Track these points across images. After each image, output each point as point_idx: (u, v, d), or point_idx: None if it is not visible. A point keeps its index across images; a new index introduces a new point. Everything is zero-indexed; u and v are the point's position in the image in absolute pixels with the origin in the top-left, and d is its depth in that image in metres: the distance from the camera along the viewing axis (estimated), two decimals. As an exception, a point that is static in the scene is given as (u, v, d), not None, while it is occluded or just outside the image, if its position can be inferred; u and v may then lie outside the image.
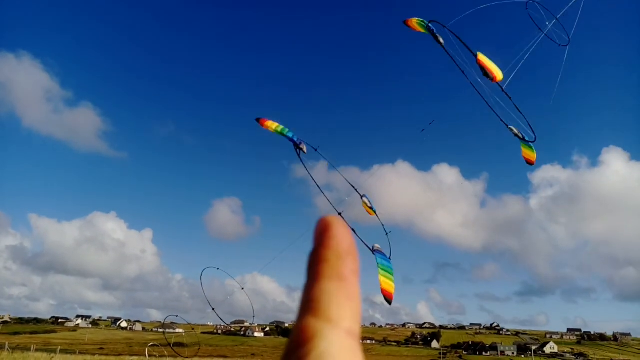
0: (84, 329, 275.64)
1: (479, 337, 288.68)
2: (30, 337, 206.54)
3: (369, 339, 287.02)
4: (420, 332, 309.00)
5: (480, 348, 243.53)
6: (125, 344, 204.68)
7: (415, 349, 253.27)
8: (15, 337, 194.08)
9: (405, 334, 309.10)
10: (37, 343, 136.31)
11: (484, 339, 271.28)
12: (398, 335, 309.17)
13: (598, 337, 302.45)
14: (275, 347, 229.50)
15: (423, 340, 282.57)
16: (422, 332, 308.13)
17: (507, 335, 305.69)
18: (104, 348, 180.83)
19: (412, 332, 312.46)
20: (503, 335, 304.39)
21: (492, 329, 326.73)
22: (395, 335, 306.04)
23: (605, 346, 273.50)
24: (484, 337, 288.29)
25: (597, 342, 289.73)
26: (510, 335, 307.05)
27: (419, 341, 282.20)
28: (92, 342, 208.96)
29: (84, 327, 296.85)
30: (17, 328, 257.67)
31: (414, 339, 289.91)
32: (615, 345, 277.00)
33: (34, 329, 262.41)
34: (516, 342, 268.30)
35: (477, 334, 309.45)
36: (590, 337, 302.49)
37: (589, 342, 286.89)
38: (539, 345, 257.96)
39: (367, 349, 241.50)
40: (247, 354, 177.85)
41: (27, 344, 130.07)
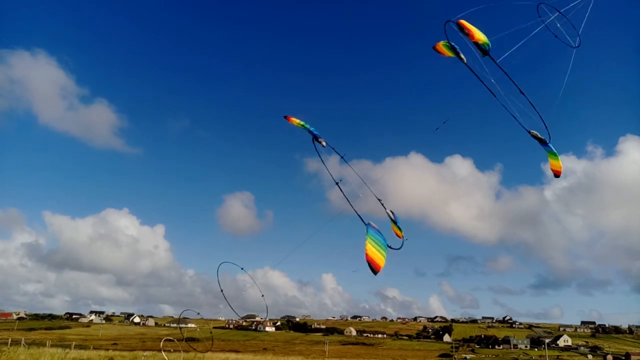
0: (97, 325, 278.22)
1: (492, 330, 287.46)
2: (45, 332, 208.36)
3: (380, 332, 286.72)
4: (432, 326, 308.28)
5: (492, 342, 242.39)
6: (138, 339, 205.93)
7: (427, 342, 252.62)
8: (30, 332, 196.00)
9: (417, 328, 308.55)
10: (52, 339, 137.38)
11: (497, 333, 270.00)
12: (410, 329, 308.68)
13: (613, 329, 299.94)
14: (286, 342, 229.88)
15: (435, 334, 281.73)
16: (434, 326, 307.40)
17: (520, 328, 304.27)
18: (118, 343, 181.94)
19: (424, 326, 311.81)
20: (516, 328, 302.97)
21: (505, 322, 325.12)
22: (407, 329, 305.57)
23: (621, 339, 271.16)
24: (496, 330, 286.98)
25: (612, 334, 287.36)
26: (523, 328, 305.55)
27: (431, 335, 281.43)
28: (106, 337, 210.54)
29: (98, 322, 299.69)
30: (33, 324, 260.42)
31: (425, 332, 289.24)
32: (630, 338, 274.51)
33: (48, 324, 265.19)
34: (529, 335, 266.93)
35: (489, 327, 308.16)
36: (604, 329, 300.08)
37: (604, 335, 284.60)
38: (553, 338, 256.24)
39: (379, 343, 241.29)
40: (258, 348, 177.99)
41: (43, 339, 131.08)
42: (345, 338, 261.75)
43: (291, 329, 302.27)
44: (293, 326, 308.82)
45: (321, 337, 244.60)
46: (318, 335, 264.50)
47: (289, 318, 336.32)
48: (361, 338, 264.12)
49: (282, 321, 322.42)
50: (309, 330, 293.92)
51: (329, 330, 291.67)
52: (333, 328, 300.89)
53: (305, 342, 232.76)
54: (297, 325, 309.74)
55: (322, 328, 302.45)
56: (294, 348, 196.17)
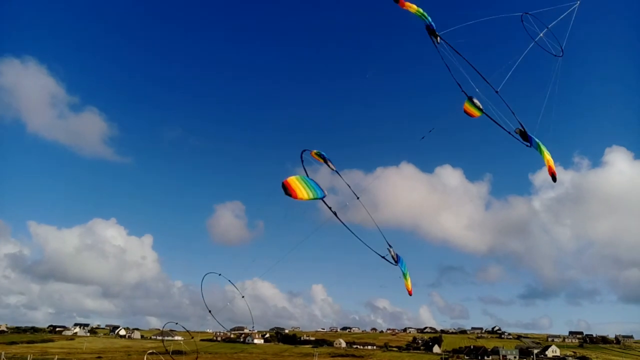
0: (82, 338, 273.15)
1: (481, 341, 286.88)
2: (27, 346, 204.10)
3: (370, 344, 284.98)
4: (422, 337, 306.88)
5: (482, 352, 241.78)
6: (123, 352, 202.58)
7: (417, 354, 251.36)
8: (11, 346, 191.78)
9: (407, 339, 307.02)
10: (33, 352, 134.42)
11: (486, 343, 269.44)
12: (399, 340, 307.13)
13: (600, 339, 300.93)
14: (275, 354, 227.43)
15: (424, 345, 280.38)
16: (424, 337, 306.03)
17: (509, 339, 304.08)
18: (102, 357, 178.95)
19: (414, 337, 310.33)
20: (505, 339, 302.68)
21: (494, 332, 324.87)
22: (397, 340, 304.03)
23: (608, 349, 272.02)
24: (485, 341, 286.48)
25: (600, 344, 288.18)
26: (512, 339, 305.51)
27: (421, 346, 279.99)
28: (90, 350, 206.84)
29: (82, 335, 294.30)
30: (14, 337, 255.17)
31: (415, 343, 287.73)
32: (617, 348, 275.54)
33: (31, 338, 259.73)
34: (518, 345, 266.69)
35: (478, 338, 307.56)
36: (592, 339, 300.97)
37: (591, 345, 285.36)
38: (541, 348, 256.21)
39: (368, 355, 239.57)
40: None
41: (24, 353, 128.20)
42: (335, 350, 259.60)
43: (280, 341, 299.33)
44: (282, 338, 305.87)
45: (310, 349, 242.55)
46: (307, 347, 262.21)
47: (278, 330, 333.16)
48: (351, 350, 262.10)
49: (271, 333, 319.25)
50: (299, 342, 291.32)
51: (318, 342, 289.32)
52: (323, 340, 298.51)
53: (295, 354, 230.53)
54: (286, 337, 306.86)
55: (311, 340, 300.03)
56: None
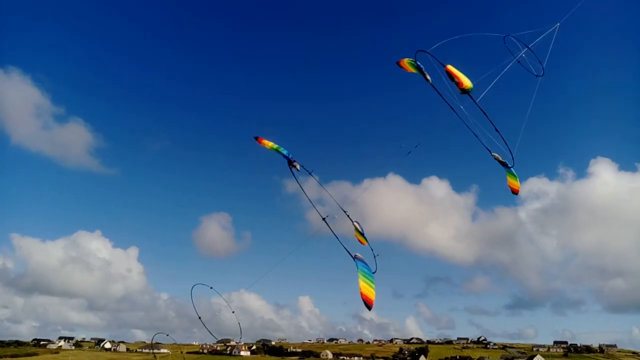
0: (66, 351, 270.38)
1: (467, 351, 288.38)
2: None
3: (356, 355, 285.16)
4: (408, 348, 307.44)
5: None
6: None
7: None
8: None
9: (393, 350, 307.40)
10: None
11: (472, 354, 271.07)
12: (386, 351, 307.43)
13: (584, 349, 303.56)
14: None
15: (411, 355, 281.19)
16: (410, 348, 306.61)
17: (494, 349, 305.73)
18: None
19: (400, 348, 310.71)
20: (490, 349, 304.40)
21: (480, 343, 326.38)
22: (383, 352, 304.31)
23: (592, 358, 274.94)
24: (471, 351, 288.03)
25: (584, 354, 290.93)
26: (497, 349, 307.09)
27: (407, 357, 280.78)
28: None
29: (67, 349, 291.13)
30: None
31: (401, 354, 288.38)
32: (601, 357, 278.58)
33: (14, 352, 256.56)
34: (503, 355, 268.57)
35: (464, 348, 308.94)
36: (576, 349, 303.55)
37: (576, 355, 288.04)
38: (526, 358, 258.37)
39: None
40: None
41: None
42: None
43: (267, 353, 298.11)
44: (269, 350, 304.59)
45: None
46: (294, 359, 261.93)
47: (264, 342, 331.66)
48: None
49: (257, 345, 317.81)
50: (285, 354, 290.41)
51: (305, 354, 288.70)
52: (309, 351, 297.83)
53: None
54: (273, 349, 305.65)
55: (298, 352, 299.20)
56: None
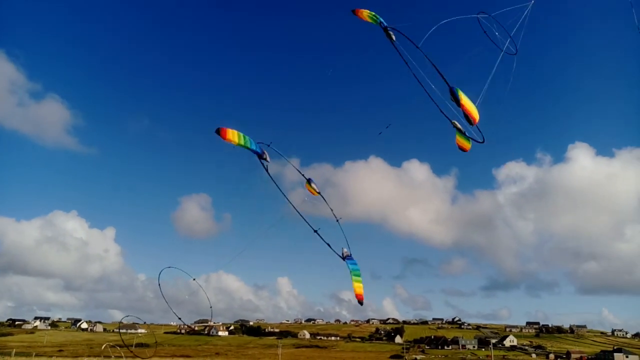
0: (42, 331, 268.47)
1: (441, 331, 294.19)
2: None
3: (333, 335, 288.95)
4: (384, 328, 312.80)
5: (442, 342, 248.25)
6: (85, 345, 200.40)
7: (379, 344, 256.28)
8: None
9: (370, 330, 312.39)
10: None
11: (446, 333, 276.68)
12: (362, 331, 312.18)
13: (555, 329, 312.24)
14: (239, 346, 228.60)
15: (387, 335, 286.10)
16: (386, 328, 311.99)
17: (468, 329, 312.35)
18: (64, 350, 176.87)
19: (376, 328, 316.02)
20: (464, 329, 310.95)
21: (454, 323, 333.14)
22: (360, 331, 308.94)
23: (563, 338, 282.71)
24: (446, 331, 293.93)
25: (555, 334, 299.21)
26: (471, 329, 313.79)
27: (383, 337, 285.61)
28: (51, 344, 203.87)
29: (43, 329, 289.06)
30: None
31: (377, 334, 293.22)
32: (571, 337, 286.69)
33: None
34: (477, 335, 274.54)
35: (439, 328, 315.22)
36: (548, 329, 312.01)
37: (547, 335, 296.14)
38: (499, 338, 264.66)
39: (332, 345, 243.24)
40: (211, 353, 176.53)
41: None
42: (299, 341, 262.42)
43: (245, 333, 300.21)
44: (247, 330, 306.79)
45: (275, 340, 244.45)
46: (272, 339, 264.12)
47: (242, 322, 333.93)
48: (315, 341, 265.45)
49: (235, 325, 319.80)
50: (263, 334, 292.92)
51: (282, 333, 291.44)
52: (287, 331, 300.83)
53: (259, 346, 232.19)
54: (250, 329, 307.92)
55: (276, 332, 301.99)
56: (247, 352, 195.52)
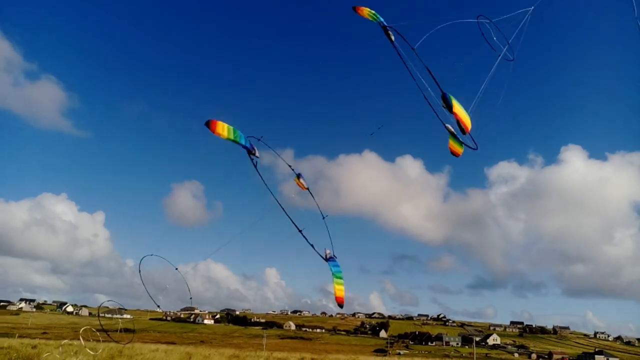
0: (27, 313, 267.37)
1: (426, 327, 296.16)
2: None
3: (319, 327, 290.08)
4: (370, 322, 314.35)
5: (426, 338, 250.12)
6: (70, 328, 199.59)
7: (364, 338, 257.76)
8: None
9: (355, 324, 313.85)
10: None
11: (431, 330, 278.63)
12: (348, 324, 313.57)
13: (539, 330, 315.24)
14: (224, 335, 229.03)
15: (372, 329, 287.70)
16: (371, 322, 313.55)
17: (452, 326, 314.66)
18: (48, 332, 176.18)
19: (362, 322, 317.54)
20: (449, 326, 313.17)
21: (439, 320, 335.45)
22: (345, 325, 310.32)
23: (546, 339, 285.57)
24: (430, 327, 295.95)
25: (538, 334, 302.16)
26: (455, 326, 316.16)
27: (368, 331, 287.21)
28: (36, 326, 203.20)
29: (28, 310, 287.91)
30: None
31: (362, 328, 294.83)
32: (554, 338, 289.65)
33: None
34: (461, 333, 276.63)
35: (424, 324, 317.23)
36: (531, 329, 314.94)
37: (530, 335, 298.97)
38: (483, 337, 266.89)
39: (317, 337, 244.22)
40: (195, 340, 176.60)
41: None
42: (284, 332, 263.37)
43: (230, 322, 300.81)
44: (233, 319, 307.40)
45: (260, 330, 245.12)
46: (257, 329, 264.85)
47: (228, 311, 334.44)
48: (300, 332, 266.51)
49: (221, 314, 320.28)
50: (249, 324, 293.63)
51: (268, 324, 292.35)
52: (273, 322, 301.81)
53: (244, 335, 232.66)
54: (236, 319, 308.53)
55: (261, 322, 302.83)
56: (231, 341, 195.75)
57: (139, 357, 32.94)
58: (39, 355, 30.94)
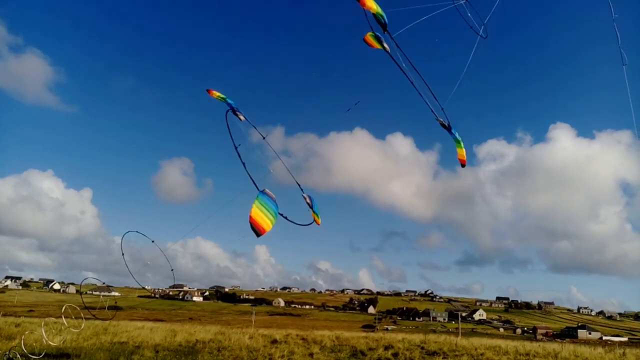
0: (13, 291, 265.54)
1: (414, 303, 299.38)
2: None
3: (308, 304, 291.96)
4: (358, 298, 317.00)
5: (414, 314, 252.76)
6: (57, 306, 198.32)
7: (352, 314, 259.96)
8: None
9: (344, 300, 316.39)
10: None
11: (418, 305, 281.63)
12: (337, 300, 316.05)
13: (524, 305, 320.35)
14: (213, 311, 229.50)
15: (360, 305, 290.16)
16: (360, 298, 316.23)
17: (440, 302, 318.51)
18: (34, 310, 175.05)
19: (350, 298, 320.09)
20: (436, 302, 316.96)
21: (427, 295, 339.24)
22: (334, 301, 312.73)
23: (530, 314, 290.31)
24: (418, 303, 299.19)
25: (523, 310, 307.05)
26: (443, 302, 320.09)
27: (356, 307, 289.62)
28: (22, 304, 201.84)
29: (14, 288, 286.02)
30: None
31: (351, 304, 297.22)
32: (539, 313, 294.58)
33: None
34: (448, 308, 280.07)
35: (412, 300, 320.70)
36: (517, 305, 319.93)
37: (516, 310, 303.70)
38: (469, 312, 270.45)
39: (306, 314, 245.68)
40: (184, 317, 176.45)
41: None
42: (274, 309, 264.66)
43: (220, 299, 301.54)
44: (222, 296, 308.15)
45: (249, 307, 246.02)
46: (246, 305, 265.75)
47: (217, 288, 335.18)
48: (289, 309, 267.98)
49: (210, 291, 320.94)
50: (238, 301, 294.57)
51: (257, 300, 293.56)
52: (262, 299, 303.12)
53: (233, 312, 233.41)
54: (226, 296, 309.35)
55: (251, 299, 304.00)
56: (220, 318, 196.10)
57: (124, 334, 32.08)
58: (22, 334, 29.95)
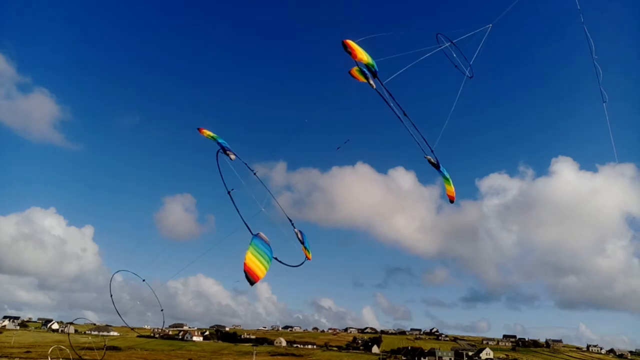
0: (10, 331, 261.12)
1: (419, 342, 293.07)
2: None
3: (310, 343, 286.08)
4: (362, 337, 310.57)
5: (419, 353, 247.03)
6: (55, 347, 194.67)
7: (356, 354, 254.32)
8: None
9: (347, 339, 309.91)
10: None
11: (423, 344, 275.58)
12: (340, 339, 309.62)
13: (532, 343, 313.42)
14: (214, 352, 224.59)
15: (364, 345, 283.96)
16: (364, 337, 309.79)
17: (445, 340, 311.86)
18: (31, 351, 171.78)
19: (354, 337, 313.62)
20: (442, 340, 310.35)
21: (432, 334, 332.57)
22: (337, 340, 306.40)
23: (539, 352, 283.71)
24: (423, 342, 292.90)
25: (531, 348, 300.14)
26: (448, 340, 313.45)
27: (360, 346, 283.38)
28: (19, 344, 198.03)
29: (11, 328, 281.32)
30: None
31: (355, 343, 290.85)
32: (547, 352, 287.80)
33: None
34: (454, 347, 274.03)
35: (417, 339, 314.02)
36: (524, 343, 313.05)
37: (523, 348, 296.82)
38: (476, 351, 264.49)
39: (308, 354, 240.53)
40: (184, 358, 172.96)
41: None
42: (275, 349, 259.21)
43: (220, 338, 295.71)
44: (222, 336, 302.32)
45: (250, 347, 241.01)
46: (247, 345, 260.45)
47: (218, 327, 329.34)
48: (291, 349, 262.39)
49: (210, 331, 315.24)
50: (239, 341, 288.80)
51: (259, 340, 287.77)
52: (263, 338, 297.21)
53: (234, 352, 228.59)
54: (226, 335, 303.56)
55: (252, 338, 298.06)
56: (220, 358, 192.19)
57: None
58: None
